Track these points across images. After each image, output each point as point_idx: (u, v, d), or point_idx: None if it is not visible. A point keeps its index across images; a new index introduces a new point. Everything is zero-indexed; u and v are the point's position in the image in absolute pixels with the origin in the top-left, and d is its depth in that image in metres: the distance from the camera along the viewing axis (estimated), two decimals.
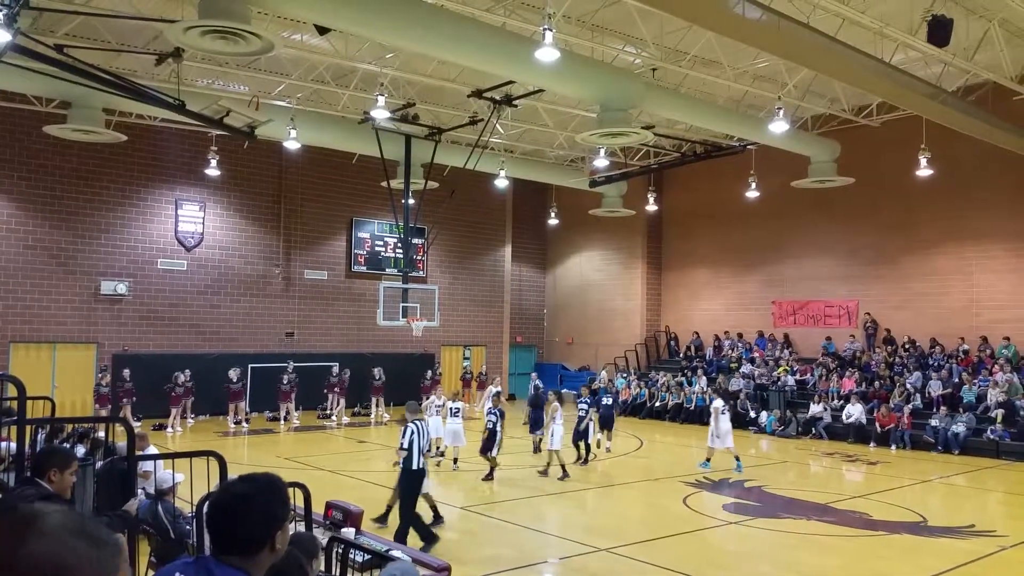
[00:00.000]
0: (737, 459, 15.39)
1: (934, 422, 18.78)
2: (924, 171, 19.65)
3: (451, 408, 15.20)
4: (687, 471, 15.13)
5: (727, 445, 15.29)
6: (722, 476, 14.81)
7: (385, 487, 13.24)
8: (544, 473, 14.38)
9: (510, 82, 17.08)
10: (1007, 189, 20.50)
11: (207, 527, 2.13)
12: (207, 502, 2.24)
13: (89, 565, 1.21)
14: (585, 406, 16.02)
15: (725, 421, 15.42)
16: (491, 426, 13.83)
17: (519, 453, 17.26)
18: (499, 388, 19.05)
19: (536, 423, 16.81)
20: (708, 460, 15.60)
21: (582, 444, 15.90)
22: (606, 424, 17.43)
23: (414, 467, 9.39)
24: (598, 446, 17.12)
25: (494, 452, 13.72)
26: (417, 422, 9.60)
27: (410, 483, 9.38)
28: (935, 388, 19.87)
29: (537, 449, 16.60)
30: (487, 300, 29.95)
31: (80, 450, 7.78)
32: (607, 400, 17.95)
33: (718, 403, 15.69)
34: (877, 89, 16.27)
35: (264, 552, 2.08)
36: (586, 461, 15.76)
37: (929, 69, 16.82)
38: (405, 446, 9.39)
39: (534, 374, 24.11)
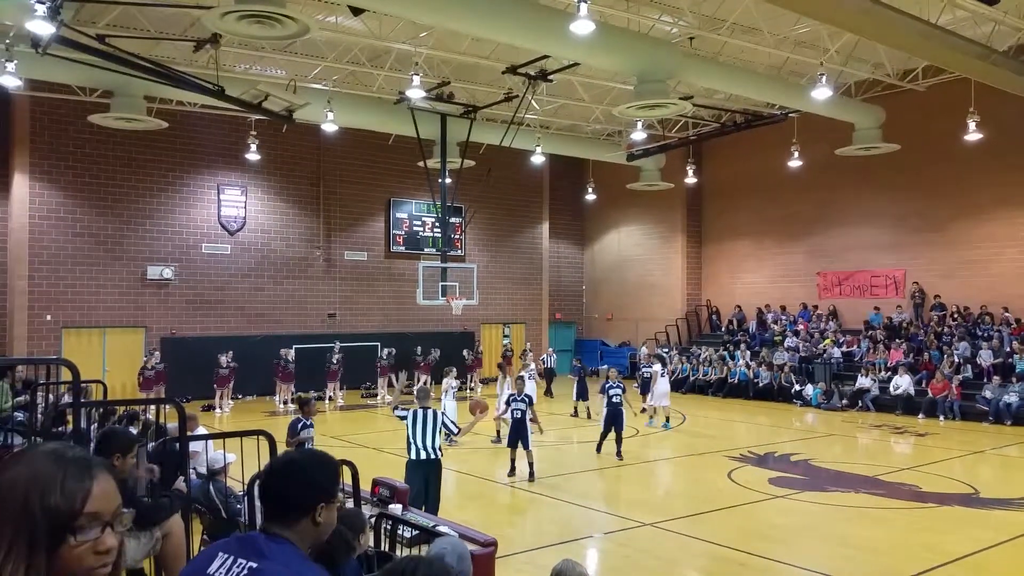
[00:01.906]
0: (667, 419, 17.40)
1: (987, 392, 18.37)
2: (973, 135, 19.06)
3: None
4: (731, 445, 15.03)
5: (664, 404, 17.29)
6: (767, 450, 14.68)
7: None
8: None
9: (545, 57, 16.92)
10: None
11: (260, 495, 2.20)
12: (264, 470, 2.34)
13: (56, 481, 1.36)
14: (619, 391, 13.77)
15: (664, 383, 17.44)
16: (518, 415, 11.99)
17: (562, 428, 17.32)
18: (531, 368, 18.55)
19: (581, 392, 18.66)
20: (652, 418, 17.58)
21: (611, 435, 13.83)
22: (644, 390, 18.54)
23: (411, 456, 8.69)
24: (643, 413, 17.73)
25: (530, 445, 12.03)
26: (419, 409, 8.83)
27: (412, 474, 8.58)
28: (986, 358, 19.40)
29: (576, 412, 18.69)
30: (525, 278, 29.94)
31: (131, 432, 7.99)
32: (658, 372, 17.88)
33: (657, 366, 17.67)
34: (923, 52, 15.76)
35: (306, 522, 2.09)
36: (619, 455, 13.61)
37: (978, 29, 16.23)
38: (403, 418, 8.89)
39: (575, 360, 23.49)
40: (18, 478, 1.36)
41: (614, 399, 13.74)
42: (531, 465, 12.04)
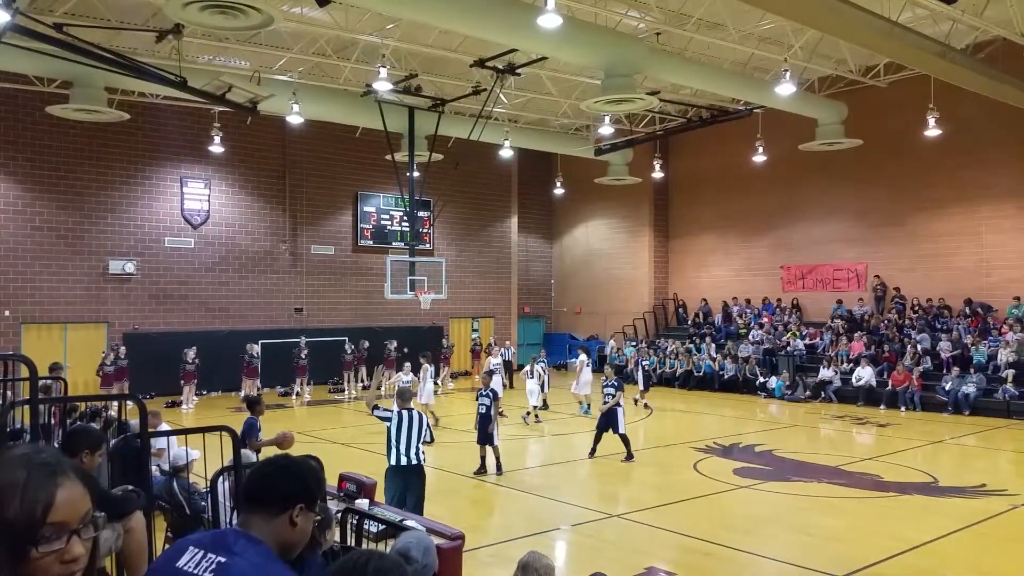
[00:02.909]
0: (588, 405, 18.07)
1: (946, 384, 18.78)
2: (933, 131, 19.44)
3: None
4: (697, 437, 15.20)
5: (585, 392, 18.25)
6: (732, 441, 14.87)
7: None
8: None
9: (513, 50, 16.90)
10: (1017, 147, 20.25)
11: (242, 488, 2.22)
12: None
13: (16, 492, 1.33)
14: (612, 390, 13.14)
15: (587, 372, 18.40)
16: (483, 411, 11.94)
17: (532, 423, 17.37)
18: (496, 364, 18.35)
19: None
20: (581, 404, 18.53)
21: (616, 436, 13.04)
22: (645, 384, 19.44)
23: (391, 462, 8.24)
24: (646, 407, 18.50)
25: (496, 440, 11.94)
26: (403, 411, 8.42)
27: (391, 481, 8.21)
28: (945, 349, 19.84)
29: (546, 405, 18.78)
30: (494, 271, 29.94)
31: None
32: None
33: (583, 357, 18.67)
34: (884, 49, 16.01)
35: (282, 521, 2.09)
36: (629, 456, 12.94)
37: (938, 27, 16.54)
38: (386, 421, 8.48)
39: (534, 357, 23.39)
40: None
41: (606, 399, 13.14)
42: (498, 460, 12.02)
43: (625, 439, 12.96)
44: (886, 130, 21.80)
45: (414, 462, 8.29)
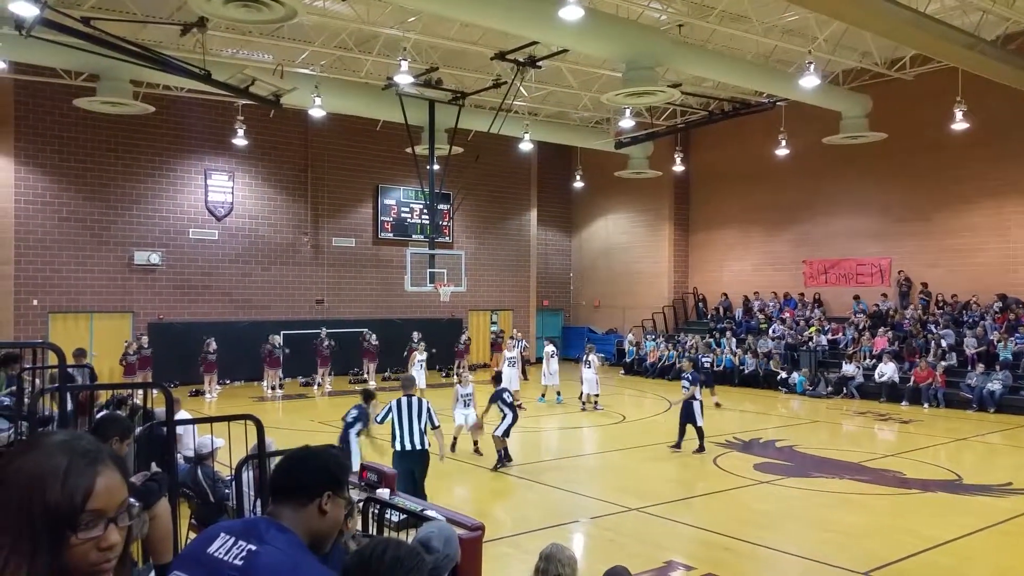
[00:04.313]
0: (559, 393, 19.08)
1: (970, 380, 18.56)
2: (959, 124, 19.16)
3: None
4: (717, 431, 15.14)
5: (555, 382, 19.06)
6: (753, 436, 14.80)
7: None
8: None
9: (534, 43, 16.86)
10: None
11: (271, 477, 2.23)
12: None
13: (58, 477, 1.34)
14: (687, 383, 13.57)
15: (554, 363, 19.11)
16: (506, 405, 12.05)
17: (550, 414, 17.39)
18: (511, 357, 18.41)
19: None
20: (543, 396, 19.28)
21: (690, 427, 13.36)
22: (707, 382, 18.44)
23: (396, 447, 8.55)
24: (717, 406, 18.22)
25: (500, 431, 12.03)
26: (403, 398, 8.71)
27: (398, 466, 8.26)
28: (970, 345, 19.60)
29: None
30: (513, 264, 29.95)
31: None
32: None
33: (550, 348, 19.51)
34: (911, 40, 15.81)
35: (312, 509, 2.12)
36: (702, 448, 13.21)
37: (967, 18, 16.29)
38: (378, 421, 8.96)
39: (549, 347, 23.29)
40: (21, 472, 1.35)
41: (684, 391, 13.52)
42: (506, 450, 12.01)
43: (700, 431, 13.34)
44: (911, 123, 21.52)
45: (418, 447, 8.48)
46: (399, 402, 8.65)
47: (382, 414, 8.86)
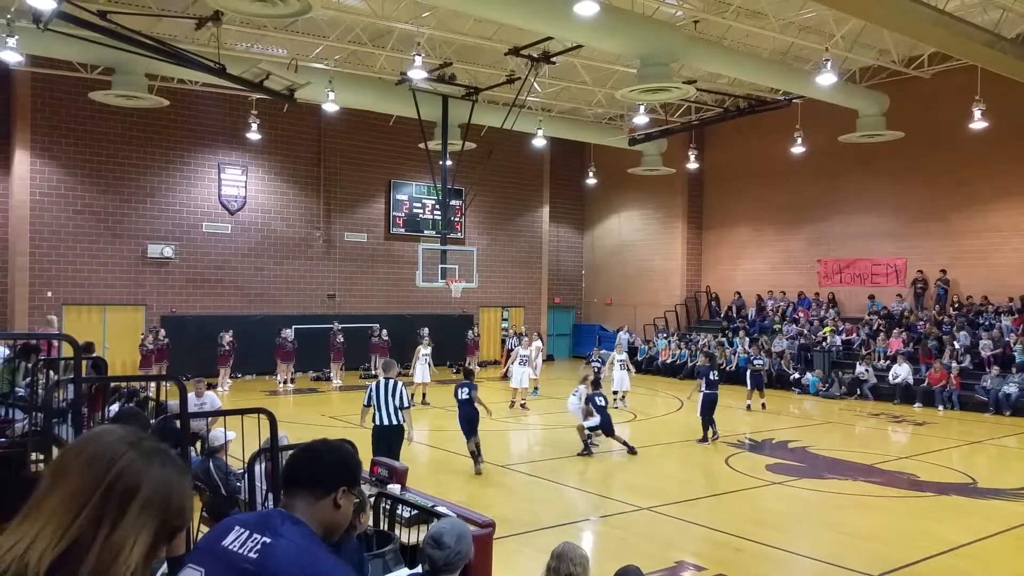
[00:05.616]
0: (536, 387, 19.75)
1: (985, 382, 18.39)
2: (978, 124, 18.97)
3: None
4: (729, 431, 15.07)
5: (535, 376, 19.68)
6: (765, 436, 14.72)
7: (426, 445, 13.45)
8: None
9: (548, 39, 16.80)
10: None
11: (286, 469, 2.23)
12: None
13: (174, 485, 1.42)
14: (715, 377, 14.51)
15: (538, 359, 19.86)
16: (464, 397, 11.67)
17: (560, 413, 17.33)
18: (524, 355, 18.15)
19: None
20: (536, 388, 19.82)
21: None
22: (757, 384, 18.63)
23: (376, 423, 9.49)
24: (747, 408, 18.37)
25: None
26: (382, 380, 9.62)
27: (377, 439, 9.34)
28: (986, 347, 19.41)
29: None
30: (525, 261, 29.91)
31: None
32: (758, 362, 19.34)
33: (537, 343, 20.13)
34: (930, 38, 15.65)
35: (327, 503, 2.12)
36: (711, 438, 14.05)
37: (987, 15, 16.11)
38: (364, 403, 9.78)
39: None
40: (167, 479, 1.41)
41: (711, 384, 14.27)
42: (477, 446, 11.45)
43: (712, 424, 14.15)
44: (929, 122, 21.32)
45: (394, 422, 9.47)
46: (377, 384, 9.58)
47: (365, 396, 9.76)
